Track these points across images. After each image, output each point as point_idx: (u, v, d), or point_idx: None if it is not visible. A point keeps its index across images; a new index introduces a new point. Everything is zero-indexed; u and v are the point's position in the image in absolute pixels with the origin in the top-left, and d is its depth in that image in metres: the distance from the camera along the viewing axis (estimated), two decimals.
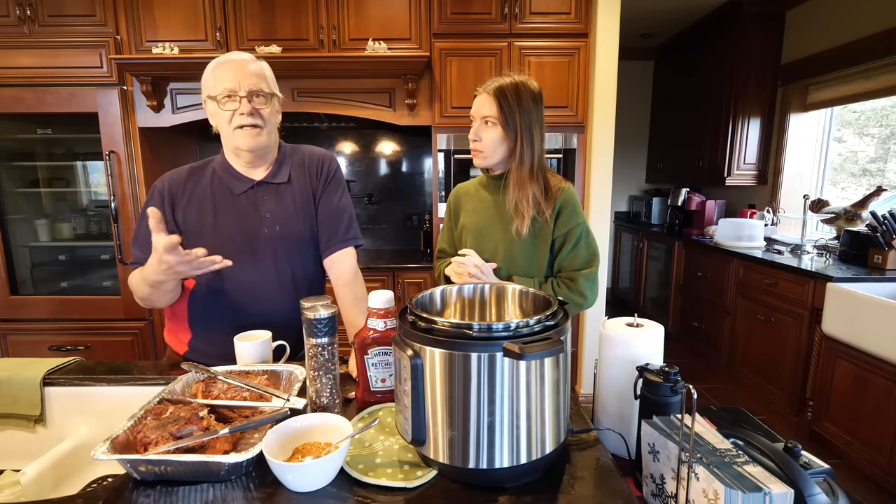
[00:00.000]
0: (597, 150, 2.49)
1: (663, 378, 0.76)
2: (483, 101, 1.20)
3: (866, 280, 2.14)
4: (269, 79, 1.11)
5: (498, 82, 1.19)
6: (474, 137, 1.22)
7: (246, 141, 1.08)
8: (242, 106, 1.05)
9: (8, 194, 2.52)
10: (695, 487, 0.61)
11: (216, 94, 1.06)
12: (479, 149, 1.22)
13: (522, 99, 1.17)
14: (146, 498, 0.65)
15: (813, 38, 3.01)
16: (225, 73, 1.06)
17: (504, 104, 1.17)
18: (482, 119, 1.20)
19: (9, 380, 1.00)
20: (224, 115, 1.07)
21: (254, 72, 1.07)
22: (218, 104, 1.06)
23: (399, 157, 3.08)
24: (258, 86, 1.07)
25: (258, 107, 1.07)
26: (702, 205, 3.75)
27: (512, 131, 1.18)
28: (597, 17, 2.38)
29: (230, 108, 1.06)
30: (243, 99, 1.05)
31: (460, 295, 0.90)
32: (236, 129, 1.07)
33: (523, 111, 1.17)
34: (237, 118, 1.06)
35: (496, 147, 1.20)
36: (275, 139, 1.17)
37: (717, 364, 3.15)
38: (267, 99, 1.09)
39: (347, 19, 2.41)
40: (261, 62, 1.12)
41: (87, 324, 2.51)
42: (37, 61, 2.33)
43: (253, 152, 1.12)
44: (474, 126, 1.22)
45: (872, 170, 2.91)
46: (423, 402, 0.66)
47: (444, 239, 1.43)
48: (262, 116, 1.08)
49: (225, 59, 1.08)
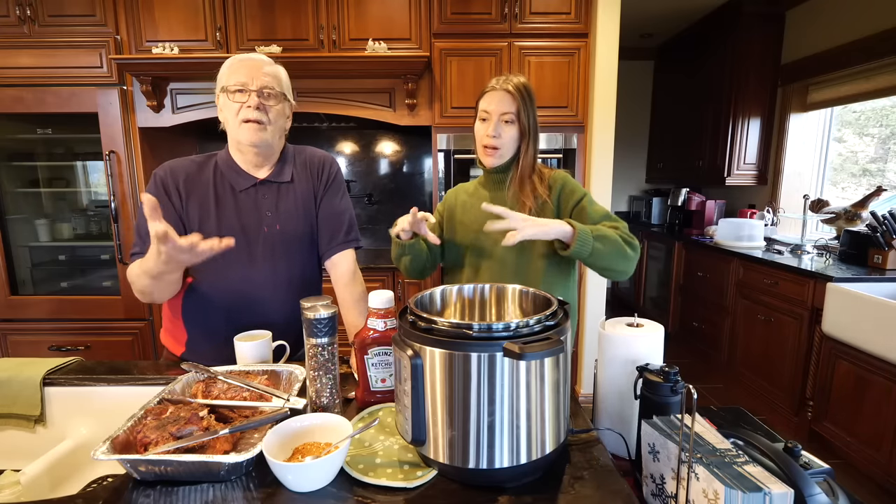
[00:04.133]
0: (597, 150, 2.49)
1: (663, 378, 0.76)
2: (502, 98, 1.18)
3: (866, 280, 2.14)
4: (283, 82, 1.14)
5: (514, 80, 1.19)
6: (494, 134, 1.19)
7: (248, 135, 1.09)
8: (251, 100, 1.07)
9: (8, 194, 2.52)
10: (695, 487, 0.61)
11: (228, 86, 1.08)
12: (497, 146, 1.20)
13: (532, 98, 1.20)
14: (146, 498, 0.65)
15: (813, 38, 3.01)
16: (240, 68, 1.08)
17: (522, 102, 1.18)
18: (501, 116, 1.18)
19: (9, 380, 1.00)
20: (232, 107, 1.08)
21: (268, 72, 1.10)
22: (228, 95, 1.08)
23: (399, 157, 3.08)
24: (270, 84, 1.09)
25: (267, 103, 1.09)
26: (702, 205, 3.75)
27: (527, 129, 1.20)
28: (597, 18, 2.38)
29: (239, 100, 1.07)
30: (253, 93, 1.07)
31: (460, 295, 0.90)
32: (242, 123, 1.08)
33: (534, 109, 1.21)
34: (244, 111, 1.07)
35: (512, 144, 1.21)
36: (279, 140, 1.17)
37: (717, 364, 3.15)
38: (277, 99, 1.11)
39: (347, 19, 2.41)
40: (278, 66, 1.14)
41: (87, 324, 2.51)
42: (37, 61, 2.33)
43: (255, 147, 1.12)
44: (491, 123, 1.19)
45: (872, 170, 2.91)
46: (423, 402, 0.66)
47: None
48: (269, 114, 1.09)
49: (244, 56, 1.11)
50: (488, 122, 1.20)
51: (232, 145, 1.17)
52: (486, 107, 1.20)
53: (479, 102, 1.23)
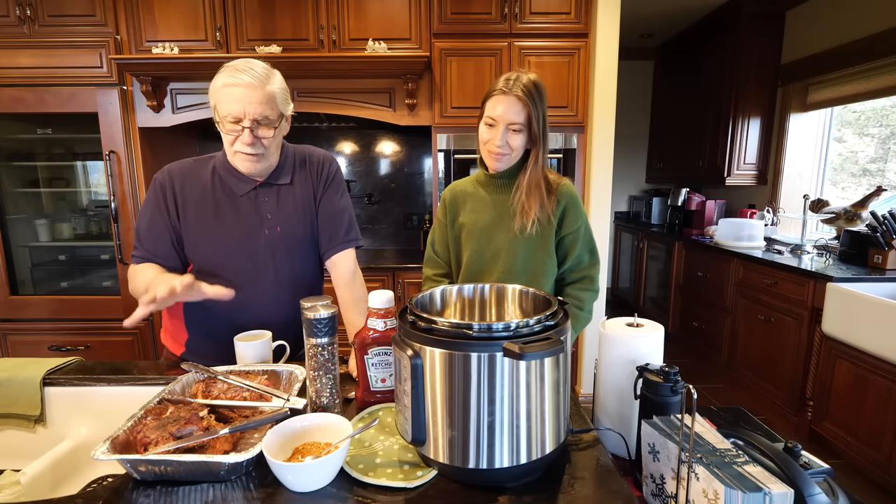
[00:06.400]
0: (597, 150, 2.49)
1: (663, 378, 0.76)
2: (511, 105, 1.10)
3: (866, 280, 2.14)
4: (278, 101, 1.06)
5: (522, 82, 1.10)
6: (500, 144, 1.13)
7: (244, 167, 1.10)
8: (245, 135, 1.03)
9: (8, 194, 2.52)
10: (695, 487, 0.61)
11: (222, 116, 1.03)
12: (504, 152, 1.15)
13: (544, 98, 1.13)
14: (146, 498, 0.65)
15: (813, 38, 3.01)
16: (233, 95, 1.01)
17: (532, 108, 1.11)
18: (509, 126, 1.12)
19: (9, 380, 1.00)
20: (227, 138, 1.07)
21: (262, 98, 1.02)
22: (221, 125, 1.05)
23: (399, 157, 3.08)
24: (264, 113, 1.03)
25: (261, 135, 1.05)
26: (702, 205, 3.75)
27: (537, 136, 1.14)
28: (597, 17, 2.38)
29: (232, 131, 1.04)
30: (246, 129, 1.03)
31: (460, 295, 0.90)
32: (236, 153, 1.07)
33: (544, 111, 1.14)
34: (238, 144, 1.05)
35: (521, 150, 1.17)
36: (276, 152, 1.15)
37: (717, 364, 3.15)
38: (272, 125, 1.07)
39: (347, 19, 2.41)
40: (273, 81, 1.05)
41: (87, 324, 2.51)
42: (37, 61, 2.32)
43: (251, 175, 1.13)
44: (498, 132, 1.12)
45: (872, 170, 2.91)
46: (423, 402, 0.66)
47: (436, 239, 1.34)
48: (264, 144, 1.07)
49: (236, 76, 1.00)
50: (495, 130, 1.13)
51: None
52: (493, 113, 1.13)
53: (486, 104, 1.16)
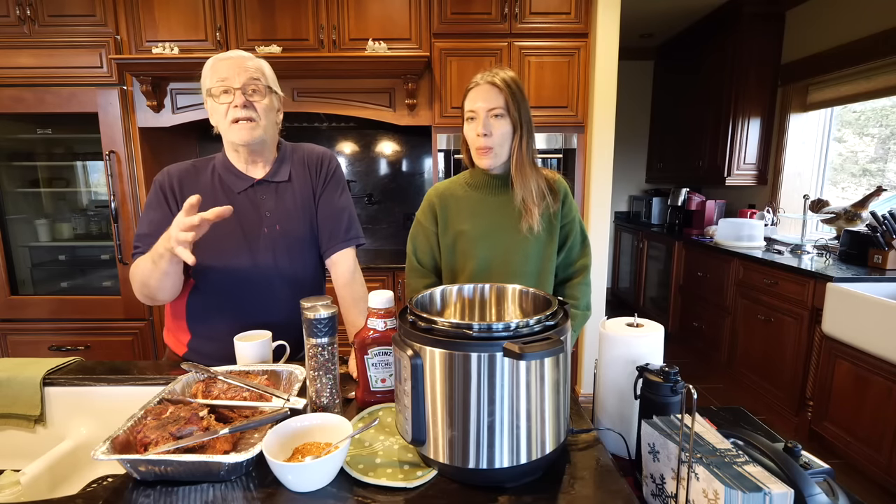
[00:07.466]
0: (597, 150, 2.49)
1: (663, 378, 0.76)
2: (488, 91, 1.09)
3: (866, 280, 2.14)
4: (267, 75, 1.11)
5: (500, 74, 1.11)
6: (484, 132, 1.10)
7: (241, 135, 1.08)
8: (237, 98, 1.05)
9: (8, 194, 2.52)
10: (695, 487, 0.61)
11: (212, 87, 1.06)
12: (489, 145, 1.11)
13: (521, 88, 1.13)
14: (146, 498, 0.65)
15: (813, 38, 3.01)
16: (221, 67, 1.06)
17: (511, 94, 1.09)
18: (489, 112, 1.09)
19: (9, 380, 1.00)
20: (220, 109, 1.07)
21: (250, 66, 1.08)
22: (214, 98, 1.07)
23: (399, 157, 3.08)
24: (254, 77, 1.07)
25: (253, 99, 1.07)
26: (702, 205, 3.75)
27: (518, 123, 1.11)
28: (597, 18, 2.38)
29: (225, 100, 1.06)
30: (238, 91, 1.05)
31: (460, 295, 0.90)
32: (231, 124, 1.07)
33: (524, 102, 1.13)
34: (232, 111, 1.06)
35: (505, 141, 1.13)
36: (273, 136, 1.17)
37: (717, 364, 3.15)
38: (263, 92, 1.09)
39: (347, 19, 2.41)
40: (260, 60, 1.12)
41: (87, 324, 2.51)
42: (37, 61, 2.32)
43: (248, 146, 1.11)
44: (479, 121, 1.10)
45: (872, 170, 2.91)
46: (423, 402, 0.66)
47: (419, 247, 1.25)
48: (257, 110, 1.08)
49: (223, 55, 1.09)
50: (476, 121, 1.11)
51: (227, 147, 1.16)
52: (472, 105, 1.11)
53: (465, 102, 1.14)
